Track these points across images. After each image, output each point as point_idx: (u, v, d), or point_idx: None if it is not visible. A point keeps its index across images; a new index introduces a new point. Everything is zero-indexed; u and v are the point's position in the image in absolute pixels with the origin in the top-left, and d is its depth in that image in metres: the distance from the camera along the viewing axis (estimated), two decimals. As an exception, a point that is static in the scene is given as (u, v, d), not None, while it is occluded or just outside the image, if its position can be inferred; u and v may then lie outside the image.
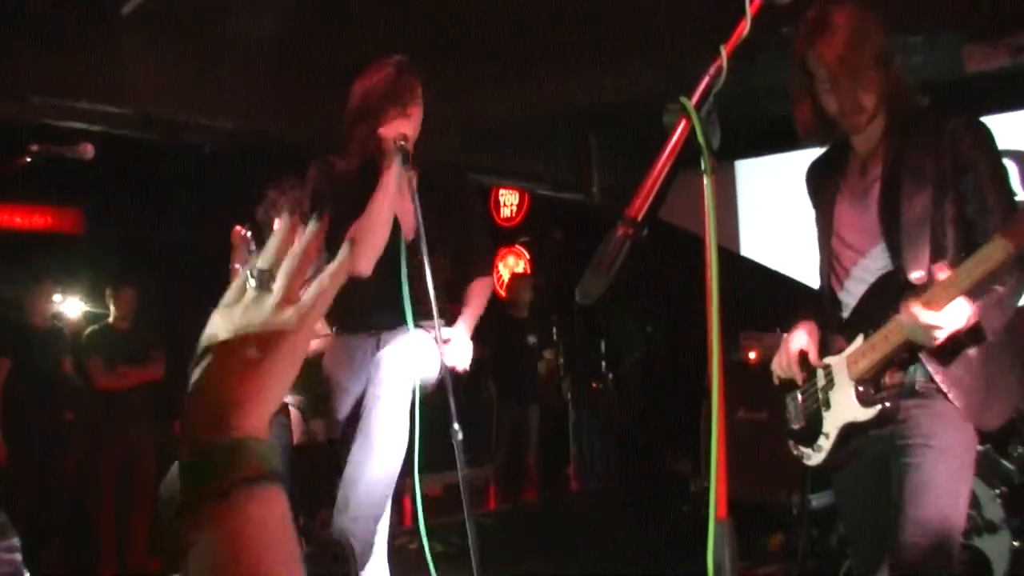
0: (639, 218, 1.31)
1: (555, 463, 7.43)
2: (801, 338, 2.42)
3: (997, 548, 3.52)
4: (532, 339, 6.98)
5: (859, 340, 2.26)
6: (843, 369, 2.29)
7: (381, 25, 4.84)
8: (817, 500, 4.93)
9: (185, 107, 4.98)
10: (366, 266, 2.77)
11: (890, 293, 2.19)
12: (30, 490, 5.27)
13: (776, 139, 6.75)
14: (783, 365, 2.44)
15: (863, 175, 2.31)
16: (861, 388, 2.24)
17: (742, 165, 7.32)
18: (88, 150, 3.25)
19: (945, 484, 2.11)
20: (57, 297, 5.97)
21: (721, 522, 1.26)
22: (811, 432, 2.38)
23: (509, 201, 9.14)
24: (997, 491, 3.58)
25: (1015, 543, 3.54)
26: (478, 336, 3.02)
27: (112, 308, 5.82)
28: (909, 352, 2.15)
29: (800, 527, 4.70)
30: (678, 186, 3.68)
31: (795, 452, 2.46)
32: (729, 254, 7.06)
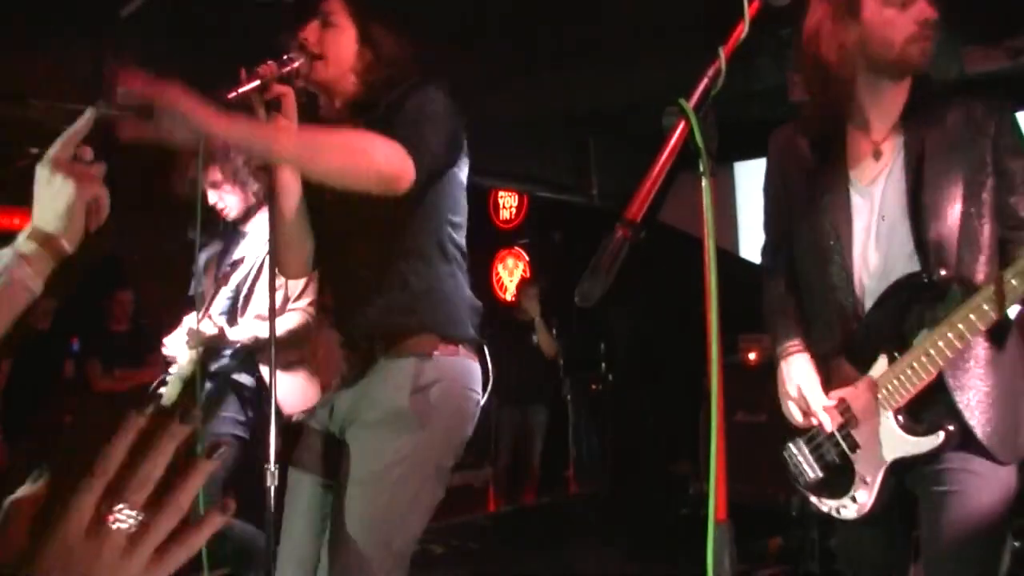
0: (638, 220, 1.31)
1: (554, 465, 7.42)
2: (805, 373, 2.09)
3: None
4: (535, 339, 6.97)
5: (882, 362, 1.97)
6: (869, 400, 1.98)
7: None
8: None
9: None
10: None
11: (916, 301, 1.92)
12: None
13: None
14: (811, 412, 2.06)
15: (876, 159, 2.01)
16: (902, 418, 1.94)
17: (741, 167, 7.33)
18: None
19: (988, 511, 1.91)
20: (56, 300, 5.97)
21: (720, 524, 1.26)
22: (838, 481, 2.06)
23: (508, 203, 9.14)
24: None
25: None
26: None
27: (111, 310, 5.83)
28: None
29: (799, 529, 4.70)
30: (677, 188, 3.69)
31: (822, 508, 2.11)
32: (728, 256, 7.07)
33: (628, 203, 1.33)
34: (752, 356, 5.65)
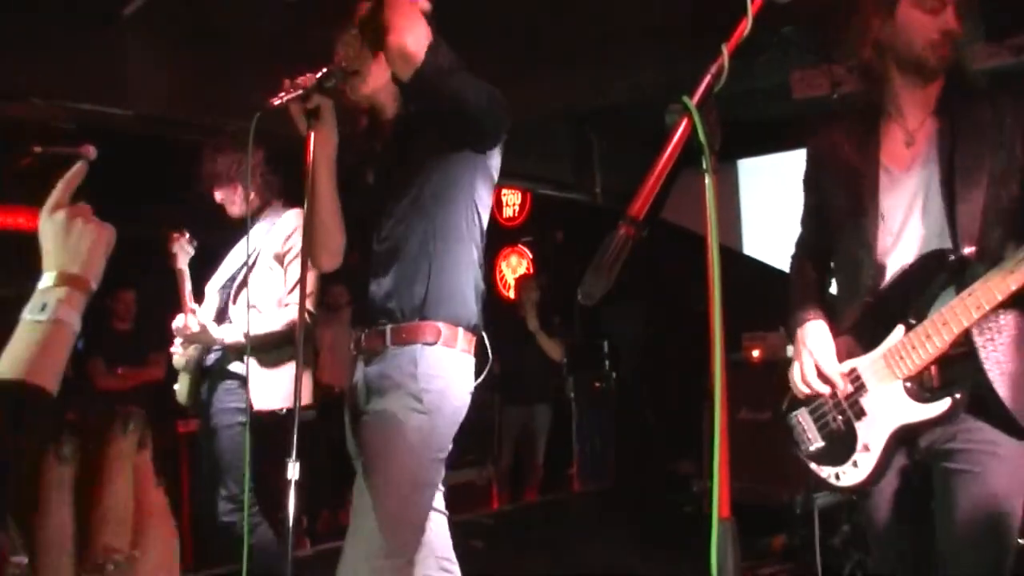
0: (640, 218, 1.31)
1: (558, 463, 7.43)
2: (822, 341, 2.14)
3: None
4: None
5: (899, 330, 2.02)
6: (881, 368, 2.05)
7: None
8: (821, 499, 4.92)
9: (188, 108, 4.99)
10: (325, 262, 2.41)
11: (938, 273, 1.98)
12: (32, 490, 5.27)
13: (778, 138, 6.76)
14: (817, 377, 2.13)
15: (908, 146, 2.08)
16: (911, 385, 2.01)
17: (744, 164, 7.32)
18: (91, 151, 3.26)
19: (1008, 495, 1.96)
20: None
21: (724, 521, 1.26)
22: (840, 448, 2.13)
23: (511, 201, 9.14)
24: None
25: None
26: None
27: (114, 309, 5.83)
28: (968, 344, 1.94)
29: (803, 527, 4.70)
30: (680, 185, 3.68)
31: (821, 475, 2.18)
32: (731, 253, 7.06)
33: (631, 201, 1.33)
34: (756, 354, 5.65)
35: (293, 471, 1.96)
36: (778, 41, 4.81)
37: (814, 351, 2.14)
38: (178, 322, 3.48)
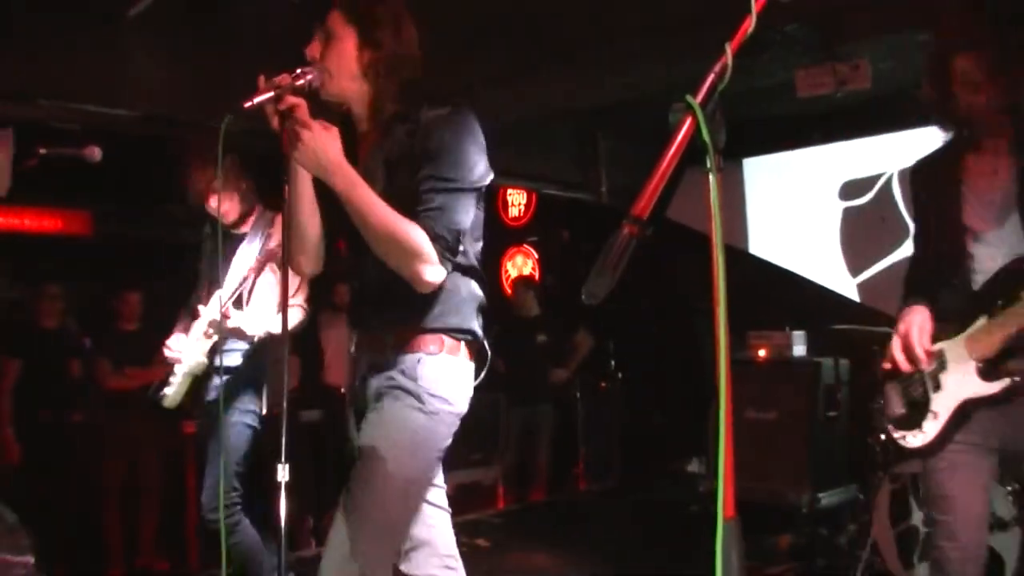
0: (645, 217, 1.31)
1: (564, 463, 7.42)
2: (921, 322, 2.50)
3: (1008, 545, 3.51)
4: (542, 338, 6.97)
5: (981, 321, 2.39)
6: (961, 350, 2.42)
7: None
8: (827, 499, 4.91)
9: (193, 109, 4.99)
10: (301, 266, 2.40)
11: (1019, 275, 2.33)
12: (39, 490, 5.28)
13: (783, 137, 6.74)
14: (912, 349, 2.47)
15: (991, 174, 2.43)
16: (982, 366, 2.38)
17: (750, 163, 7.30)
18: (96, 152, 3.27)
19: None
20: (65, 299, 5.98)
21: (729, 521, 1.26)
22: (916, 415, 2.50)
23: (517, 201, 9.14)
24: (1009, 488, 3.57)
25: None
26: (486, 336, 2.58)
27: (120, 310, 5.84)
28: None
29: (809, 527, 4.70)
30: (686, 184, 3.67)
31: (894, 435, 2.58)
32: (737, 252, 7.04)
33: (635, 200, 1.32)
34: (761, 353, 5.64)
35: (283, 474, 1.96)
36: (782, 39, 4.80)
37: (912, 327, 2.49)
38: (213, 314, 3.48)
